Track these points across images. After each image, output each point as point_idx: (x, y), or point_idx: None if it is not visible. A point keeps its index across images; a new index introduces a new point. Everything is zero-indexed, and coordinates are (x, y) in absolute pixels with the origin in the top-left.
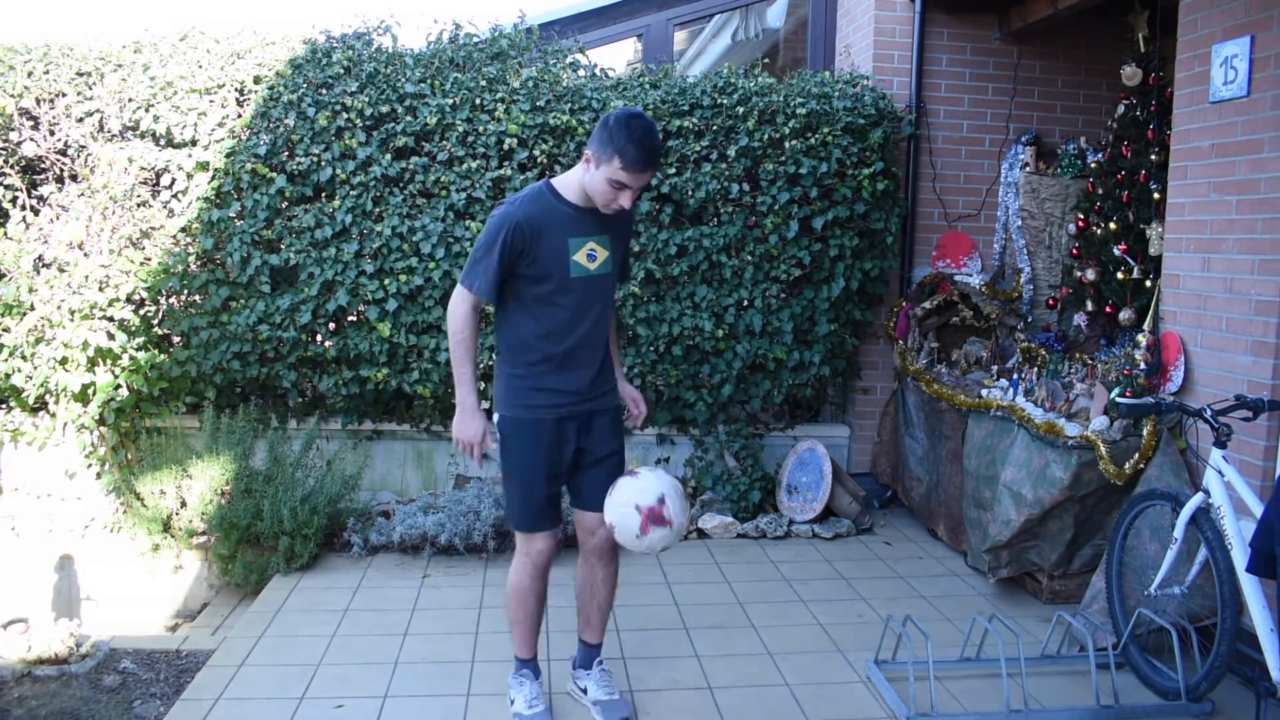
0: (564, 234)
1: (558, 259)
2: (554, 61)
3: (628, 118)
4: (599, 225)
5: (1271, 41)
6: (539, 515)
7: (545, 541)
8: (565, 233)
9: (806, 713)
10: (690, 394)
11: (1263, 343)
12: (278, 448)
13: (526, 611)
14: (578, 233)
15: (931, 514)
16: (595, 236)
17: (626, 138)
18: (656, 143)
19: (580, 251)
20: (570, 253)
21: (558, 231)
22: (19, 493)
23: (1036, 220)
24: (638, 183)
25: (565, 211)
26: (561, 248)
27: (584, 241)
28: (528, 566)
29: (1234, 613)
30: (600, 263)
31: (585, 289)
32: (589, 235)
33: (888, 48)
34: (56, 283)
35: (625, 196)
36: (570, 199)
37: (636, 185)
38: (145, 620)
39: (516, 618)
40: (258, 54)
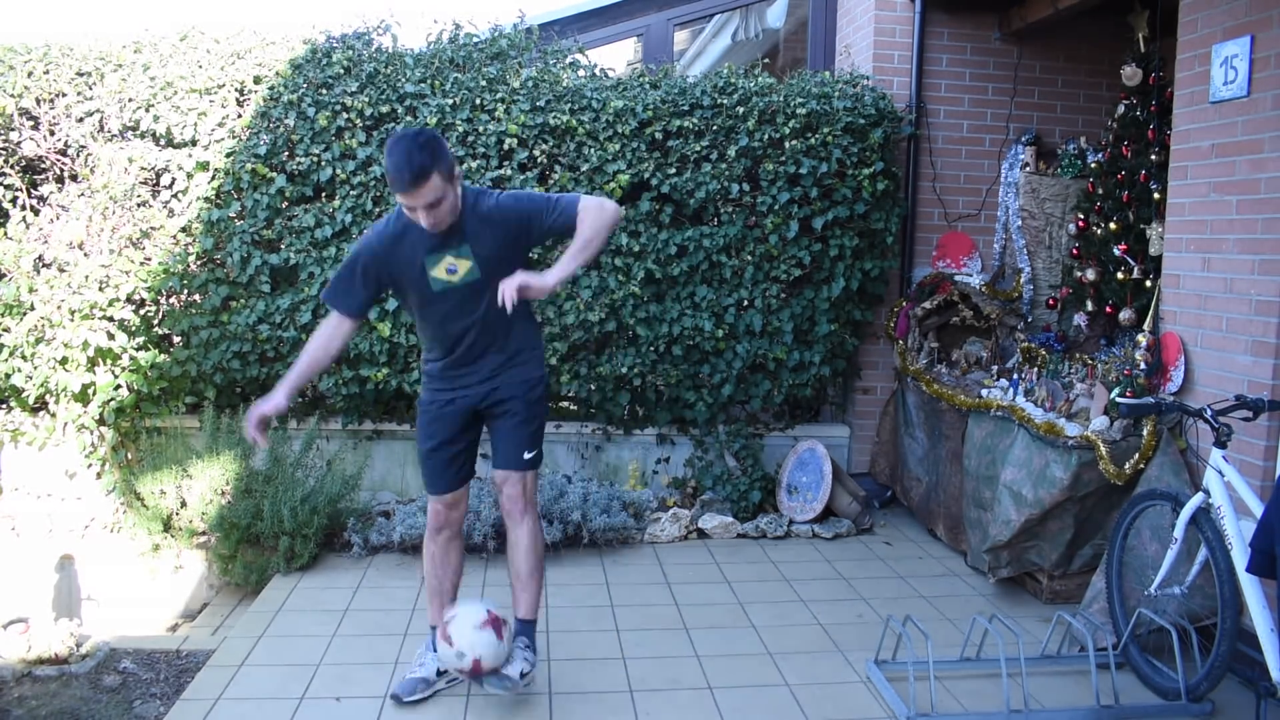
0: (419, 252)
1: (417, 277)
2: (554, 61)
3: (390, 144)
4: (456, 239)
5: (1271, 41)
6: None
7: (440, 504)
8: (420, 251)
9: (806, 713)
10: (690, 394)
11: (1263, 343)
12: (278, 448)
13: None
14: (433, 250)
15: (931, 514)
16: (452, 250)
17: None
18: (405, 161)
19: (438, 267)
20: (429, 269)
21: (412, 251)
22: (19, 493)
23: (1036, 220)
24: (415, 202)
25: (418, 232)
26: (418, 265)
27: (440, 257)
28: (428, 531)
29: (1234, 613)
30: (463, 274)
31: (453, 297)
32: (445, 250)
33: (888, 48)
34: (56, 283)
35: (422, 215)
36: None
37: (418, 202)
38: (145, 620)
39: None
40: (258, 54)
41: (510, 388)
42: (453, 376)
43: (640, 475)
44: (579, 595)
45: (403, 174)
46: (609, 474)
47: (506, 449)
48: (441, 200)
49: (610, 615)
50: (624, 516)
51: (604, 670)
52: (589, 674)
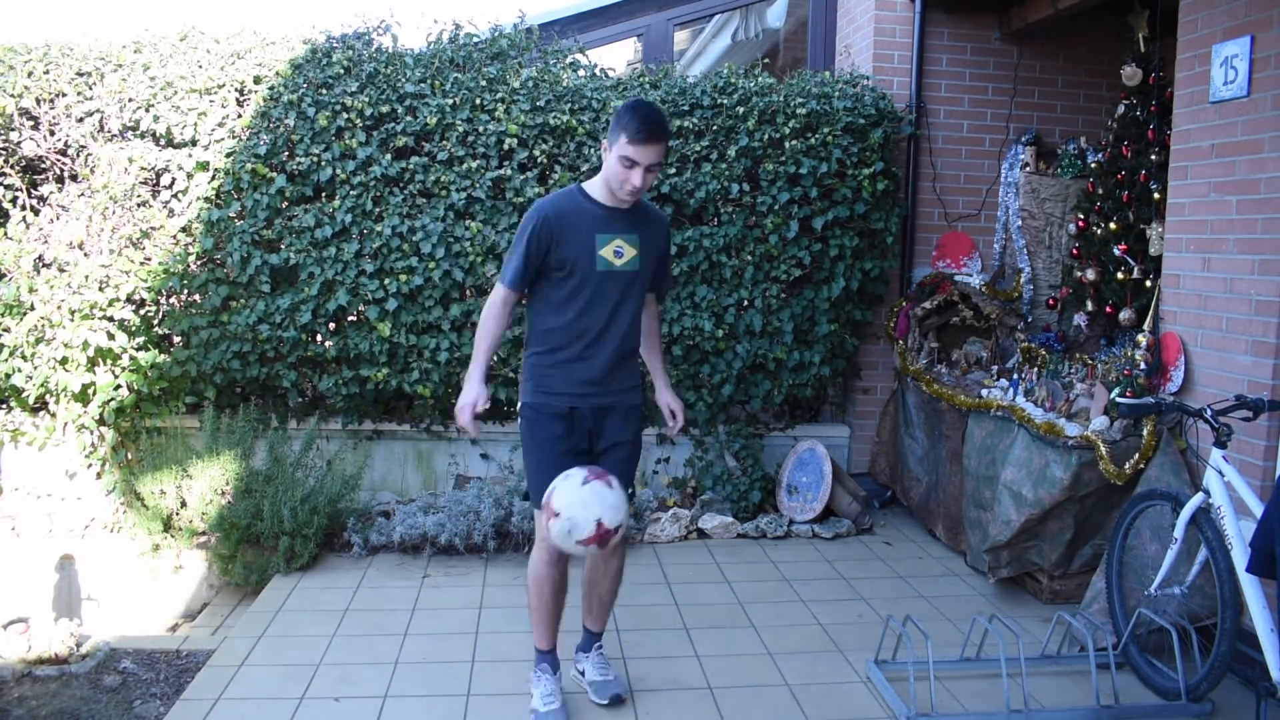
0: (591, 230)
1: (584, 253)
2: (554, 61)
3: (635, 102)
4: (628, 225)
5: (1271, 41)
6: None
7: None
8: (593, 229)
9: (806, 713)
10: (690, 394)
11: (1263, 343)
12: (278, 448)
13: (542, 599)
14: (605, 230)
15: (931, 514)
16: (623, 234)
17: (631, 115)
18: (659, 117)
19: (607, 247)
20: (597, 248)
21: (585, 227)
22: (19, 493)
23: (1036, 220)
24: (645, 158)
25: (593, 210)
26: (589, 243)
27: (611, 238)
28: (543, 551)
29: (1234, 613)
30: (627, 260)
31: (610, 283)
32: (616, 233)
33: (888, 48)
34: (56, 283)
35: (636, 174)
36: (598, 198)
37: (644, 160)
38: (145, 620)
39: (534, 605)
40: (258, 54)
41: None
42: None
43: (640, 475)
44: (579, 595)
45: (653, 126)
46: None
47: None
48: (657, 168)
49: (610, 615)
50: None
51: None
52: None
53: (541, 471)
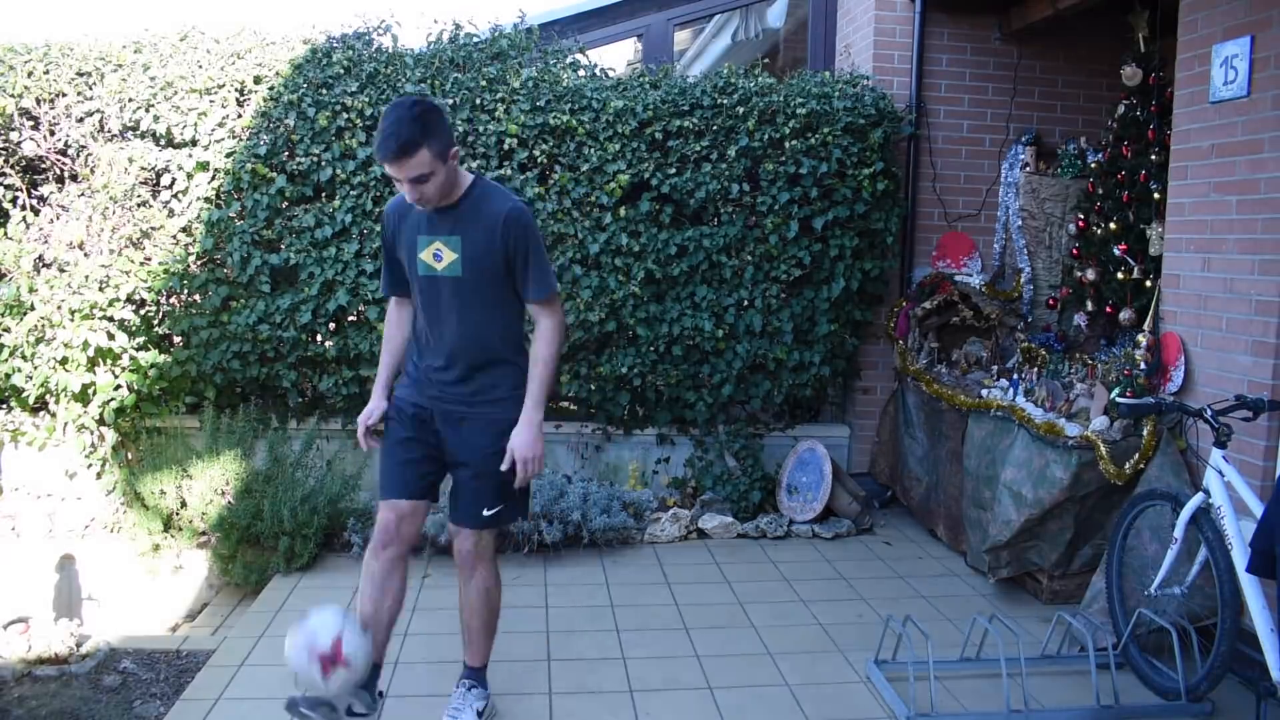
0: (414, 231)
1: (409, 254)
2: (554, 61)
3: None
4: (450, 226)
5: (1271, 41)
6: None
7: (389, 512)
8: (415, 230)
9: (806, 713)
10: (690, 394)
11: (1263, 343)
12: (278, 448)
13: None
14: (426, 231)
15: (931, 514)
16: (443, 237)
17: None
18: (393, 131)
19: (426, 250)
20: (418, 250)
21: (410, 228)
22: (19, 493)
23: (1036, 220)
24: (397, 173)
25: (417, 211)
26: (412, 243)
27: (430, 240)
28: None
29: (1234, 613)
30: (447, 264)
31: (433, 288)
32: (436, 235)
33: (888, 48)
34: (57, 283)
35: (407, 189)
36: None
37: (402, 175)
38: (145, 620)
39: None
40: (258, 54)
41: (476, 431)
42: (423, 377)
43: (640, 475)
44: (579, 595)
45: (388, 143)
46: (609, 474)
47: (466, 503)
48: (429, 177)
49: (610, 615)
50: (624, 516)
51: (604, 670)
52: (589, 674)
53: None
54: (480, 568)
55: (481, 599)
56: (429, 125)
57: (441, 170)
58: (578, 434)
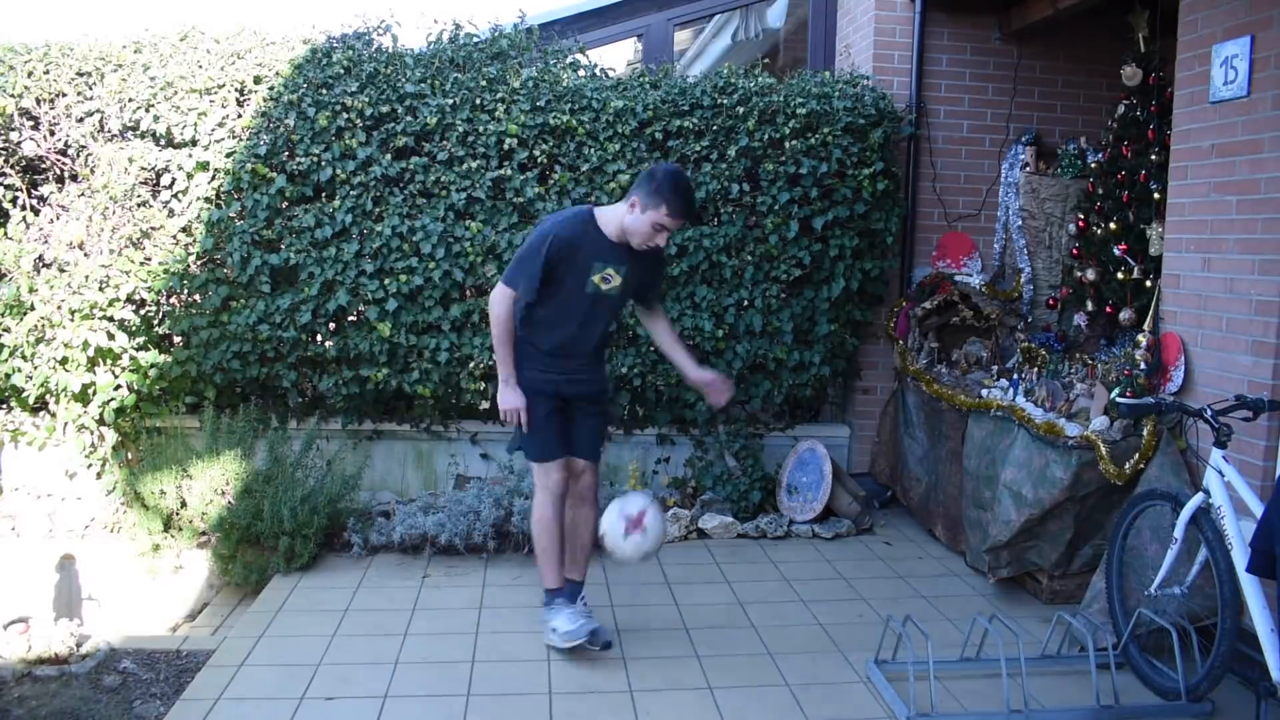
0: (591, 256)
1: (579, 274)
2: (554, 61)
3: (675, 175)
4: (622, 257)
5: (1271, 41)
6: (549, 447)
7: (559, 471)
8: (593, 256)
9: (806, 713)
10: (690, 394)
11: (1263, 343)
12: (278, 448)
13: (552, 540)
14: (603, 259)
15: (931, 514)
16: (616, 265)
17: (674, 191)
18: (695, 197)
19: (599, 274)
20: (591, 273)
21: (587, 252)
22: (19, 493)
23: (1036, 220)
24: (676, 226)
25: (597, 238)
26: (585, 266)
27: (605, 266)
28: (548, 497)
29: (1234, 613)
30: (613, 286)
31: (593, 304)
32: (611, 264)
33: (888, 48)
34: (57, 283)
35: (662, 237)
36: (607, 232)
37: (674, 227)
38: (145, 620)
39: (543, 547)
40: (258, 54)
41: (598, 388)
42: (559, 364)
43: (640, 475)
44: None
45: (693, 206)
46: (609, 474)
47: (592, 442)
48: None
49: (610, 615)
50: None
51: (604, 670)
52: (589, 674)
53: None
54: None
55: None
56: None
57: None
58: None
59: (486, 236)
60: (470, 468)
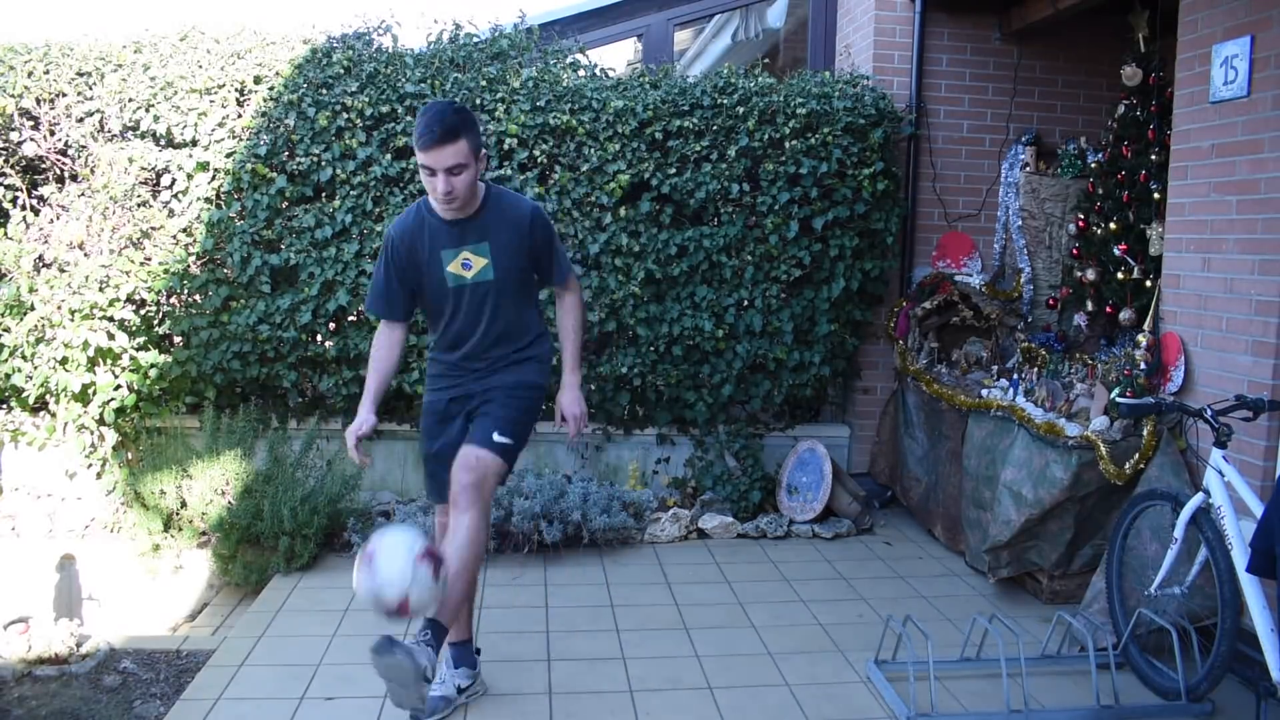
0: (436, 247)
1: (433, 270)
2: (554, 61)
3: (426, 105)
4: (474, 234)
5: (1271, 41)
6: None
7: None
8: (436, 246)
9: (806, 713)
10: (690, 394)
11: (1263, 343)
12: (278, 448)
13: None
14: (449, 244)
15: (931, 514)
16: (470, 246)
17: (418, 120)
18: (441, 115)
19: (454, 262)
20: (444, 264)
21: (429, 244)
22: (19, 493)
23: (1036, 220)
24: (438, 161)
25: (435, 225)
26: (435, 259)
27: (456, 252)
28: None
29: (1234, 613)
30: (477, 271)
31: (463, 296)
32: (463, 245)
33: (888, 48)
34: (57, 283)
35: (439, 180)
36: (440, 212)
37: (439, 164)
38: (146, 620)
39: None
40: (258, 54)
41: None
42: (458, 375)
43: (640, 475)
44: (579, 595)
45: (432, 129)
46: (609, 474)
47: (479, 426)
48: (463, 169)
49: (610, 615)
50: (624, 516)
51: (604, 670)
52: (589, 674)
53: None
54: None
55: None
56: (466, 120)
57: (473, 166)
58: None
59: None
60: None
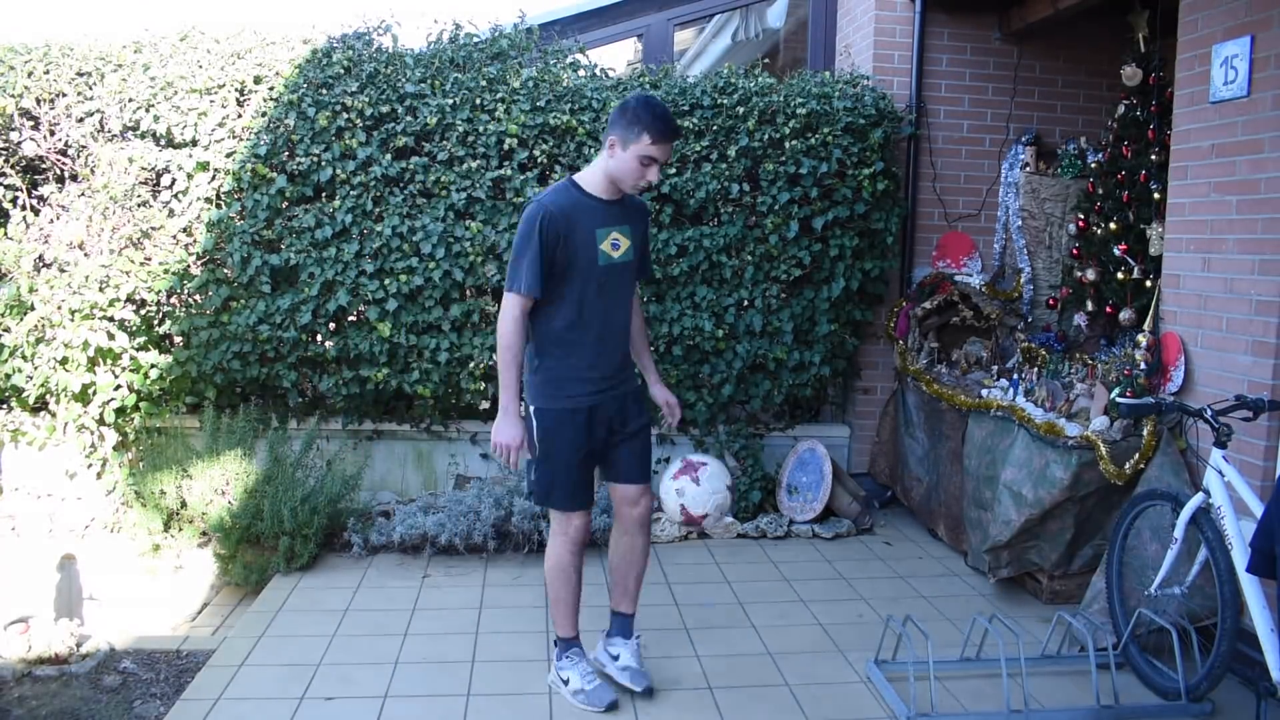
0: (591, 225)
1: (587, 248)
2: (554, 61)
3: (646, 99)
4: (621, 216)
5: (1271, 41)
6: (576, 494)
7: (582, 519)
8: (593, 224)
9: (806, 713)
10: (690, 394)
11: (1263, 343)
12: (278, 448)
13: (570, 589)
14: (603, 223)
15: (931, 514)
16: (618, 227)
17: (651, 114)
18: (669, 114)
19: (606, 241)
20: (598, 242)
21: (586, 222)
22: (19, 493)
23: (1036, 220)
24: (664, 155)
25: (590, 204)
26: (590, 238)
27: (608, 231)
28: (568, 544)
29: (1234, 613)
30: (623, 251)
31: (611, 276)
32: (613, 225)
33: (888, 48)
34: (57, 283)
35: (653, 171)
36: (594, 192)
37: (663, 157)
38: (145, 620)
39: (559, 596)
40: (258, 54)
41: (635, 406)
42: (594, 372)
43: None
44: None
45: (673, 125)
46: None
47: (642, 464)
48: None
49: (610, 615)
50: None
51: None
52: None
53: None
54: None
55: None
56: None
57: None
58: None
59: (487, 236)
60: (470, 468)
